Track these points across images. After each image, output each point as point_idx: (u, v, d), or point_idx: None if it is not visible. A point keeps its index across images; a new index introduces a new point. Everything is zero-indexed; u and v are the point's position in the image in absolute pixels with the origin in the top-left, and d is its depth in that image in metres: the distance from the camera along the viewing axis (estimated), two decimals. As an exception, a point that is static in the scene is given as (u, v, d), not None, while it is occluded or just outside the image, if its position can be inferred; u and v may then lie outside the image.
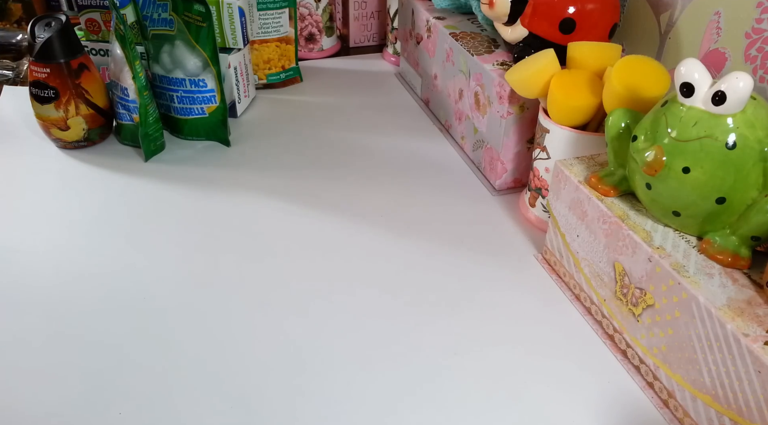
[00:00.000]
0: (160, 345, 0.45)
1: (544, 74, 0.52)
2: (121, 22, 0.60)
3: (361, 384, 0.43)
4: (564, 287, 0.52)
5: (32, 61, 0.62)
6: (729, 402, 0.37)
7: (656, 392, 0.43)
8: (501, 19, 0.62)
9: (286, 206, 0.61)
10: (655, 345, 0.42)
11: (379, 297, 0.50)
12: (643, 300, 0.43)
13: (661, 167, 0.40)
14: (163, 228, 0.57)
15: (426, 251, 0.56)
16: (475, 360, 0.45)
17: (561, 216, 0.51)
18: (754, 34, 0.51)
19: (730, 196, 0.39)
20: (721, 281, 0.39)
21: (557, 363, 0.45)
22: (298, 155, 0.69)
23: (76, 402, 0.41)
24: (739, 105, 0.37)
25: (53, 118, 0.64)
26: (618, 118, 0.45)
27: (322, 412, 0.41)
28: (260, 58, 0.81)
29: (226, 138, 0.70)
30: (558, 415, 0.42)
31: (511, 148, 0.61)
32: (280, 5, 0.79)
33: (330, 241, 0.56)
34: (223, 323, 0.48)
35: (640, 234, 0.43)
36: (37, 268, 0.52)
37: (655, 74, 0.47)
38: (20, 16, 0.99)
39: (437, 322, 0.48)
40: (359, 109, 0.79)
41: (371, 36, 0.98)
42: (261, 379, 0.43)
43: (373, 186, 0.64)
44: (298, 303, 0.50)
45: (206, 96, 0.67)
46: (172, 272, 0.52)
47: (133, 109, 0.65)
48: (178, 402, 0.41)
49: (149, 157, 0.67)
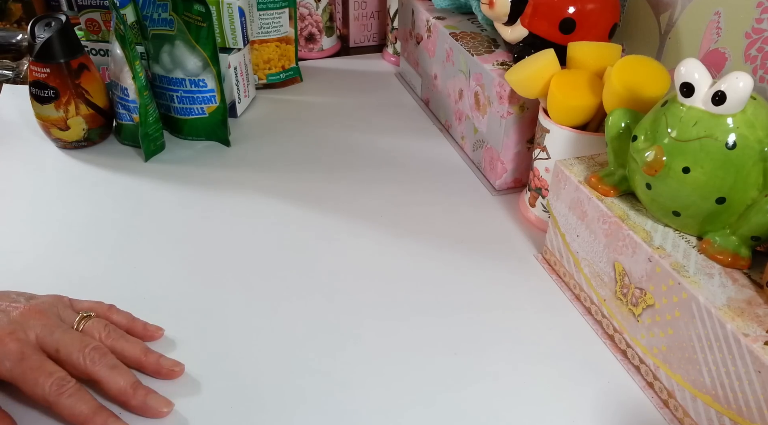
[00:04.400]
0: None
1: (544, 74, 0.52)
2: (121, 22, 0.60)
3: (360, 384, 0.43)
4: (564, 287, 0.52)
5: (32, 61, 0.62)
6: (729, 402, 0.37)
7: (656, 392, 0.43)
8: (501, 19, 0.62)
9: (286, 206, 0.61)
10: (655, 345, 0.42)
11: (378, 297, 0.50)
12: (643, 300, 0.43)
13: (661, 167, 0.40)
14: (163, 228, 0.57)
15: (426, 251, 0.56)
16: (474, 360, 0.45)
17: (561, 216, 0.51)
18: (754, 34, 0.51)
19: (730, 196, 0.39)
20: (721, 281, 0.39)
21: (557, 363, 0.45)
22: (298, 155, 0.69)
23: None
24: (739, 105, 0.37)
25: (53, 118, 0.64)
26: (618, 118, 0.45)
27: (320, 412, 0.41)
28: (260, 58, 0.81)
29: (226, 138, 0.70)
30: (558, 415, 0.42)
31: (511, 148, 0.61)
32: (280, 5, 0.79)
33: (330, 241, 0.56)
34: (222, 323, 0.47)
35: (640, 234, 0.43)
36: (37, 268, 0.52)
37: (655, 74, 0.47)
38: (20, 16, 0.99)
39: (437, 322, 0.48)
40: (359, 109, 0.79)
41: (371, 36, 0.98)
42: (259, 379, 0.43)
43: (373, 186, 0.64)
44: (298, 303, 0.50)
45: (206, 96, 0.67)
46: (172, 272, 0.52)
47: (133, 109, 0.65)
48: (177, 403, 0.41)
49: (149, 157, 0.67)
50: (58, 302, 0.43)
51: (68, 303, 0.43)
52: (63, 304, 0.43)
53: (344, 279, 0.52)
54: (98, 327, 0.42)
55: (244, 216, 0.59)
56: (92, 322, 0.42)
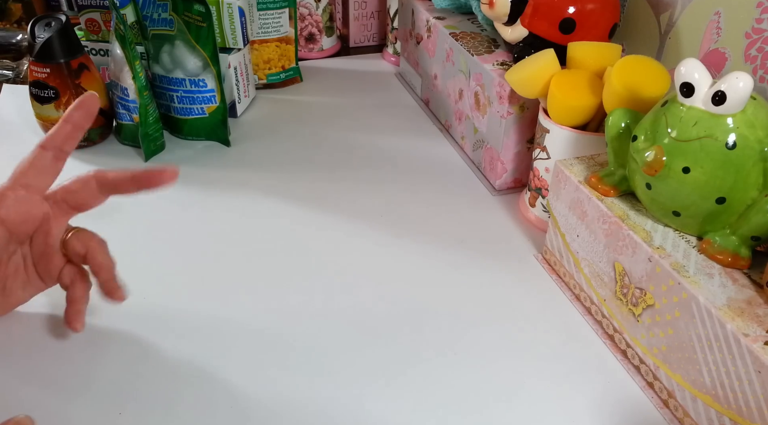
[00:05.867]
0: (157, 344, 0.45)
1: (544, 74, 0.52)
2: (121, 22, 0.60)
3: (359, 384, 0.43)
4: (564, 287, 0.52)
5: (32, 61, 0.62)
6: (729, 402, 0.37)
7: (656, 392, 0.43)
8: (501, 19, 0.62)
9: (286, 206, 0.61)
10: (655, 345, 0.42)
11: (377, 297, 0.50)
12: (643, 300, 0.43)
13: (661, 167, 0.40)
14: (162, 228, 0.57)
15: (426, 251, 0.56)
16: (474, 360, 0.45)
17: (561, 216, 0.51)
18: (754, 34, 0.51)
19: (730, 196, 0.39)
20: (721, 281, 0.39)
21: (557, 363, 0.45)
22: (298, 155, 0.69)
23: (75, 403, 0.41)
24: (739, 105, 0.37)
25: (53, 118, 0.64)
26: (618, 118, 0.45)
27: (320, 412, 0.41)
28: (260, 58, 0.81)
29: (226, 138, 0.70)
30: (558, 415, 0.42)
31: (511, 148, 0.61)
32: (280, 5, 0.79)
33: (330, 241, 0.56)
34: (222, 322, 0.48)
35: (640, 234, 0.43)
36: (37, 268, 0.52)
37: (655, 74, 0.47)
38: (20, 16, 0.99)
39: (436, 322, 0.48)
40: (359, 109, 0.79)
41: (371, 36, 0.98)
42: (256, 378, 0.43)
43: (373, 186, 0.64)
44: (297, 303, 0.50)
45: (206, 96, 0.67)
46: (172, 272, 0.52)
47: (133, 109, 0.65)
48: (177, 403, 0.41)
49: (149, 157, 0.67)
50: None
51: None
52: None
53: (344, 278, 0.52)
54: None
55: (244, 217, 0.59)
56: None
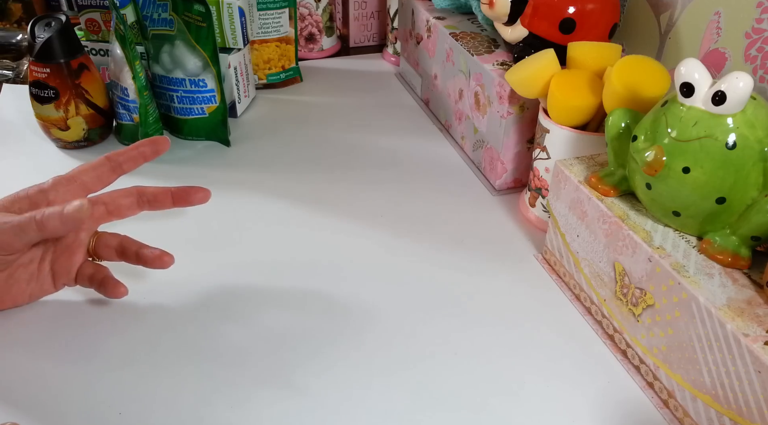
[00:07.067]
0: (161, 343, 0.45)
1: (544, 74, 0.52)
2: (121, 22, 0.60)
3: (359, 384, 0.43)
4: (564, 287, 0.52)
5: (32, 61, 0.62)
6: (729, 402, 0.37)
7: (656, 392, 0.43)
8: (501, 19, 0.62)
9: (285, 206, 0.61)
10: (655, 345, 0.42)
11: (377, 297, 0.50)
12: (643, 300, 0.43)
13: (661, 167, 0.40)
14: (162, 228, 0.57)
15: (426, 251, 0.56)
16: (474, 360, 0.45)
17: (561, 216, 0.51)
18: (754, 34, 0.51)
19: (730, 195, 0.39)
20: (721, 281, 0.39)
21: (557, 363, 0.45)
22: (298, 155, 0.69)
23: (75, 403, 0.41)
24: (739, 105, 0.37)
25: (53, 118, 0.64)
26: (618, 118, 0.45)
27: (319, 412, 0.41)
28: (260, 58, 0.81)
29: (226, 138, 0.70)
30: (558, 415, 0.42)
31: (511, 148, 0.61)
32: (280, 5, 0.79)
33: (329, 240, 0.56)
34: (221, 323, 0.48)
35: (640, 234, 0.43)
36: (37, 268, 0.52)
37: (655, 74, 0.47)
38: (20, 16, 0.99)
39: (436, 322, 0.48)
40: (359, 109, 0.79)
41: (371, 36, 0.98)
42: (257, 378, 0.43)
43: (373, 186, 0.64)
44: (297, 303, 0.50)
45: (206, 96, 0.67)
46: (172, 272, 0.52)
47: (133, 109, 0.65)
48: (177, 403, 0.41)
49: (149, 157, 0.67)
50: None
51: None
52: None
53: (344, 278, 0.52)
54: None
55: (244, 217, 0.59)
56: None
